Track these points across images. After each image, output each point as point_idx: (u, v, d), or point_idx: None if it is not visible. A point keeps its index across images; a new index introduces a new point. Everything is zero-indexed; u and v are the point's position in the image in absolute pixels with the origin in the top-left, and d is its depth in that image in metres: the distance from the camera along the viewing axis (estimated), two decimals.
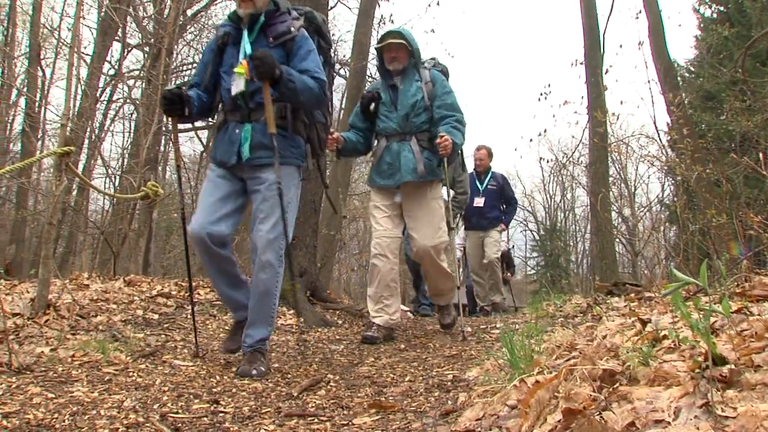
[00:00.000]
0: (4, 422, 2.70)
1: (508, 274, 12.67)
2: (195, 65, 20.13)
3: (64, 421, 2.80)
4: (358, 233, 25.30)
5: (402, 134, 5.48)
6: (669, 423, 1.48)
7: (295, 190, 4.19)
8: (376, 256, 5.44)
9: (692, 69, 20.60)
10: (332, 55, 4.90)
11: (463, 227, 10.19)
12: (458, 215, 8.79)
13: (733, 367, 1.64)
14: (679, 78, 17.29)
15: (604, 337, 2.79)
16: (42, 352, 4.02)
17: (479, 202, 9.74)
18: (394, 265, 5.51)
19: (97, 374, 3.71)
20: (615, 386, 1.80)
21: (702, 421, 1.43)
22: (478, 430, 2.02)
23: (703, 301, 2.35)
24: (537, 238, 49.80)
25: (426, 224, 5.40)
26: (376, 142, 5.78)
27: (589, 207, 28.81)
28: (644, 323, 2.69)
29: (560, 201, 47.71)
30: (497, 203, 10.00)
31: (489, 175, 10.08)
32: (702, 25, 20.10)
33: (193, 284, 6.88)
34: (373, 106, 5.59)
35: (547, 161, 37.54)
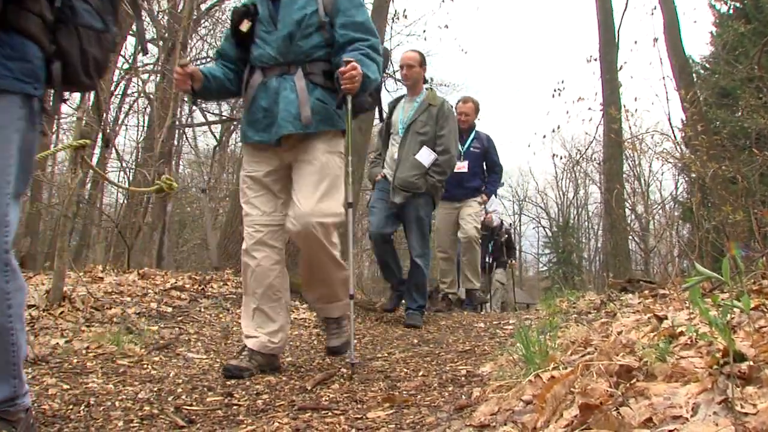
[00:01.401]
0: None
1: (512, 260, 12.08)
2: (209, 59, 20.22)
3: (79, 412, 2.83)
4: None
5: (283, 65, 3.76)
6: (687, 419, 1.47)
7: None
8: (247, 252, 3.84)
9: (707, 66, 20.48)
10: None
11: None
12: (439, 189, 6.49)
13: (752, 363, 1.62)
14: (694, 75, 17.19)
15: (620, 333, 2.78)
16: (57, 343, 4.05)
17: (460, 166, 7.77)
18: (277, 263, 3.85)
19: (112, 366, 3.73)
20: (632, 382, 1.79)
21: (721, 418, 1.42)
22: (493, 425, 2.01)
23: (721, 297, 2.34)
24: (549, 234, 49.72)
25: (310, 188, 3.64)
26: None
27: (602, 204, 28.73)
28: (660, 319, 2.68)
29: (573, 198, 47.63)
30: (479, 170, 8.27)
31: (472, 135, 8.21)
32: (718, 22, 19.98)
33: (207, 278, 6.92)
34: (247, 25, 3.87)
35: (561, 158, 37.37)
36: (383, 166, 6.67)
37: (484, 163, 8.32)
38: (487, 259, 10.56)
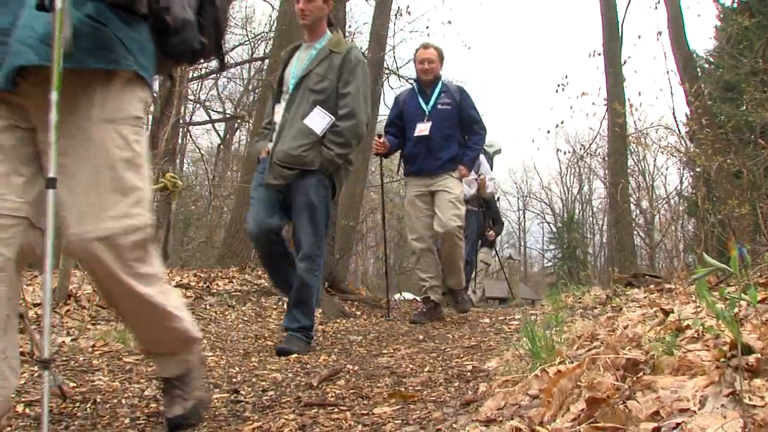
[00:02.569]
0: (27, 410, 2.73)
1: (491, 232, 9.94)
2: (213, 58, 20.23)
3: (86, 409, 2.83)
4: (376, 225, 25.28)
5: None
6: (695, 412, 1.47)
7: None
8: None
9: (712, 60, 20.43)
10: None
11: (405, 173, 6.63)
12: (342, 166, 4.79)
13: (759, 356, 1.62)
14: (698, 69, 17.15)
15: (626, 327, 2.78)
16: (63, 341, 4.05)
17: (423, 129, 6.17)
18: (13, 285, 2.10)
19: (118, 364, 3.73)
20: (638, 375, 1.79)
21: (729, 410, 1.41)
22: (499, 420, 2.01)
23: (727, 290, 2.33)
24: (554, 230, 49.73)
25: (87, 189, 2.11)
26: None
27: (606, 199, 28.70)
28: (666, 313, 2.67)
29: (577, 193, 47.65)
30: (455, 132, 6.31)
31: (438, 89, 6.35)
32: (722, 15, 19.91)
33: (211, 275, 6.93)
34: None
35: (565, 153, 37.40)
36: (272, 139, 4.79)
37: (460, 123, 6.34)
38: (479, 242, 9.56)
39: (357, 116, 4.63)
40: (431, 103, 6.23)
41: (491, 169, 8.60)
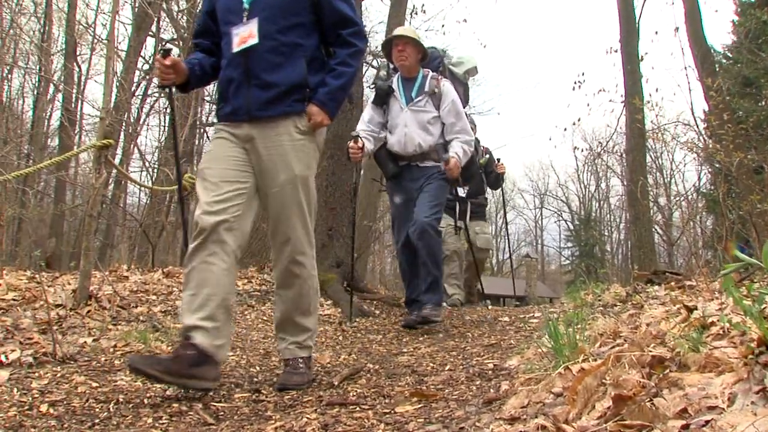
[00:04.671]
0: (51, 410, 2.74)
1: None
2: None
3: (108, 409, 2.84)
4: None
5: None
6: (723, 409, 1.45)
7: None
8: None
9: (730, 55, 20.27)
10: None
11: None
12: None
13: None
14: (716, 64, 17.02)
15: (649, 324, 2.76)
16: (85, 342, 4.07)
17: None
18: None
19: None
20: (665, 373, 1.77)
21: (759, 407, 1.40)
22: (523, 418, 2.00)
23: (754, 286, 2.30)
24: (571, 228, 49.55)
25: None
26: None
27: (624, 196, 28.53)
28: (690, 310, 2.65)
29: (595, 191, 47.45)
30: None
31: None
32: (740, 10, 19.76)
33: None
34: None
35: (582, 150, 37.21)
36: None
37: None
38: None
39: None
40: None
41: (467, 100, 6.15)
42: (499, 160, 8.46)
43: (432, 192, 5.42)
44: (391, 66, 5.82)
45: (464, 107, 5.86)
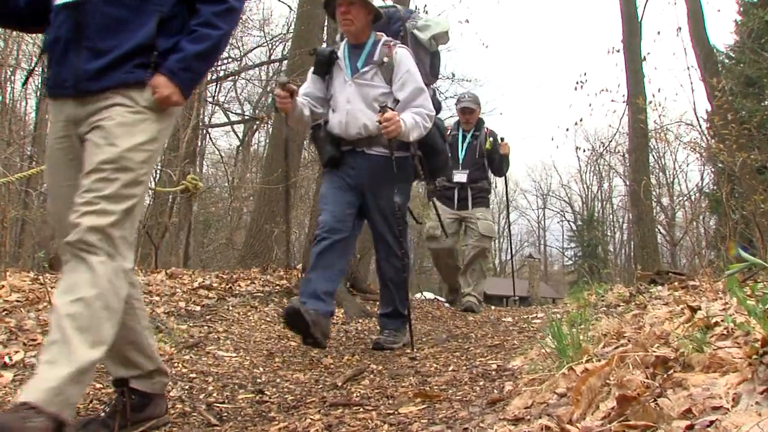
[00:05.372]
0: None
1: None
2: (230, 60, 20.30)
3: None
4: None
5: None
6: (728, 409, 1.45)
7: None
8: None
9: (732, 55, 20.26)
10: None
11: None
12: None
13: None
14: (718, 64, 17.01)
15: (653, 324, 2.75)
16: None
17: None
18: None
19: None
20: (669, 373, 1.77)
21: (764, 407, 1.39)
22: (527, 419, 2.00)
23: (758, 286, 2.30)
24: (574, 228, 49.53)
25: None
26: None
27: (627, 196, 28.52)
28: (693, 310, 2.65)
29: (597, 191, 47.42)
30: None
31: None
32: (742, 10, 19.75)
33: (233, 276, 6.95)
34: None
35: (584, 151, 37.21)
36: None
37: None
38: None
39: None
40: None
41: (436, 74, 5.04)
42: (502, 139, 7.73)
43: (391, 224, 4.48)
44: None
45: (432, 81, 4.92)
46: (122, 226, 2.32)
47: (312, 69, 4.68)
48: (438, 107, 4.87)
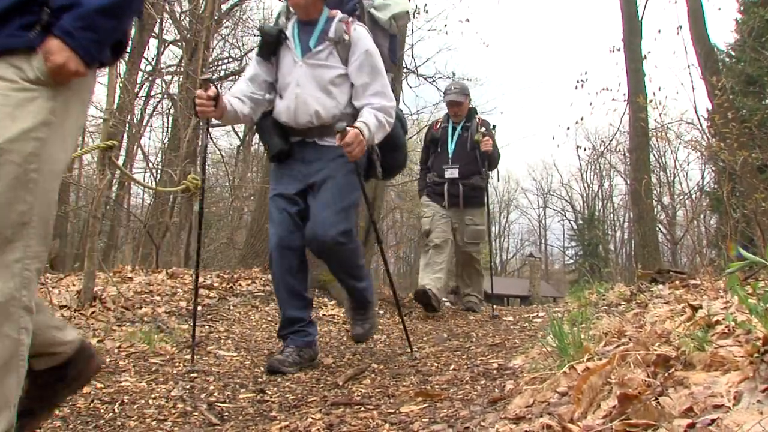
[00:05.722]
0: (56, 411, 2.74)
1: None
2: (230, 59, 20.27)
3: (113, 410, 2.85)
4: (395, 224, 25.27)
5: None
6: (729, 408, 1.45)
7: None
8: None
9: (733, 53, 20.25)
10: None
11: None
12: None
13: None
14: (719, 63, 17.00)
15: (654, 323, 2.75)
16: (90, 343, 4.07)
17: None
18: None
19: (144, 364, 3.75)
20: (670, 372, 1.77)
21: (765, 406, 1.39)
22: (528, 417, 2.00)
23: (759, 285, 2.30)
24: (575, 227, 49.51)
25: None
26: None
27: (628, 195, 28.51)
28: (694, 309, 2.65)
29: (598, 190, 47.39)
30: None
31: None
32: (743, 8, 19.72)
33: (234, 276, 6.95)
34: None
35: (585, 150, 37.19)
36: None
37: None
38: None
39: None
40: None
41: (394, 57, 4.46)
42: (494, 127, 7.18)
43: (335, 189, 3.84)
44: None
45: (391, 68, 4.31)
46: (12, 249, 1.77)
47: (256, 51, 4.13)
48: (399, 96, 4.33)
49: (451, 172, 6.83)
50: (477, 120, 7.05)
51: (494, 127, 7.19)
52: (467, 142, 6.90)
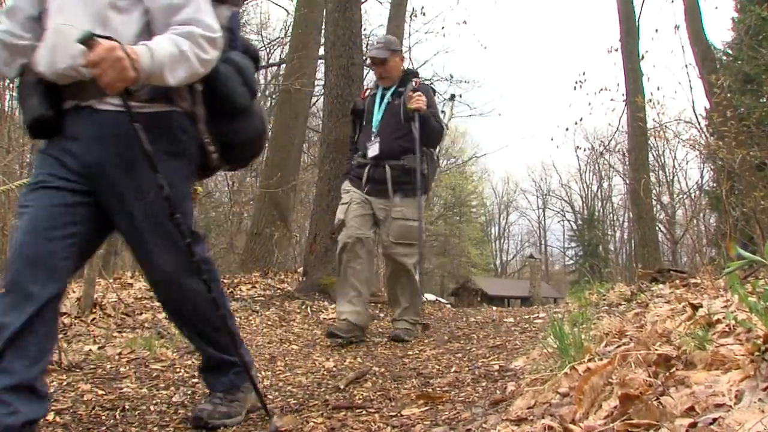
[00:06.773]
0: (57, 418, 2.74)
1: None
2: None
3: (115, 417, 2.84)
4: None
5: None
6: (731, 407, 1.45)
7: None
8: None
9: (730, 52, 20.23)
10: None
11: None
12: None
13: None
14: (716, 61, 17.01)
15: (654, 323, 2.75)
16: (90, 350, 4.07)
17: None
18: None
19: (145, 371, 3.74)
20: (671, 371, 1.77)
21: (767, 404, 1.39)
22: (530, 419, 2.00)
23: (759, 283, 2.30)
24: (575, 228, 49.53)
25: None
26: None
27: (627, 195, 28.50)
28: (695, 308, 2.65)
29: (597, 190, 47.42)
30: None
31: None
32: (739, 7, 19.71)
33: (234, 281, 6.95)
34: None
35: (584, 150, 37.18)
36: None
37: None
38: None
39: None
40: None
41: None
42: (453, 97, 5.80)
43: (164, 224, 2.49)
44: None
45: None
46: None
47: None
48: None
49: (373, 149, 5.09)
50: (415, 82, 5.21)
51: (452, 97, 5.81)
52: (399, 112, 5.09)
